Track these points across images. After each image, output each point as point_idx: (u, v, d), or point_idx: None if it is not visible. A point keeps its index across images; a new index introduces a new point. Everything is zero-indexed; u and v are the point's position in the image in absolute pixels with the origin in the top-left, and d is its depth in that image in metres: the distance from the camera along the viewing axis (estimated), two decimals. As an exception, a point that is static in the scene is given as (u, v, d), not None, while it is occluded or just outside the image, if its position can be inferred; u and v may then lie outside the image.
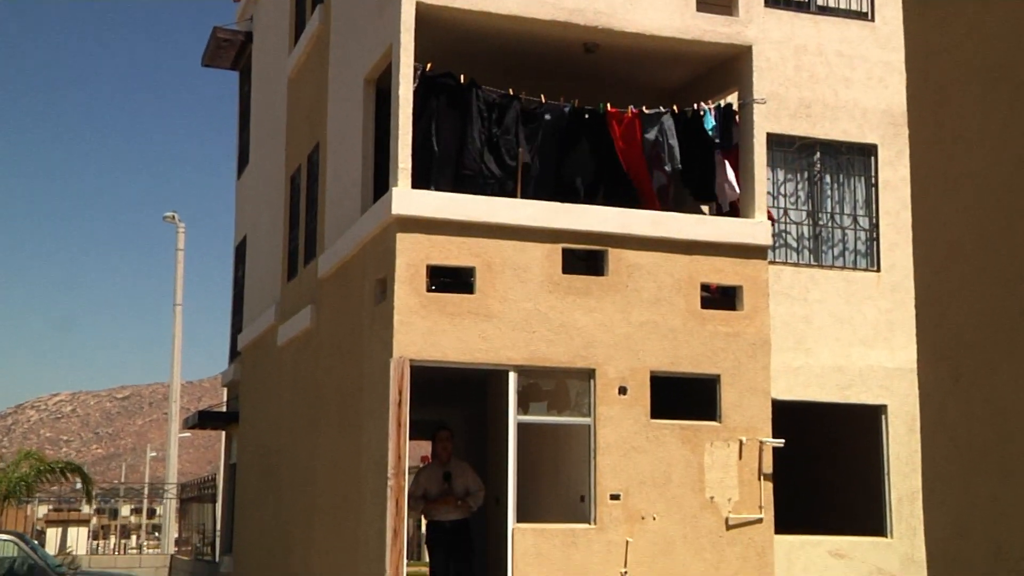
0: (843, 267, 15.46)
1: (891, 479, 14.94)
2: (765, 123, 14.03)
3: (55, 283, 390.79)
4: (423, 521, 15.41)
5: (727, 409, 13.07)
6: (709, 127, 13.77)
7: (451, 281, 12.62)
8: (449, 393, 15.27)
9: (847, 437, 15.78)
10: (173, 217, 37.02)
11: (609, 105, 13.52)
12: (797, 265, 15.26)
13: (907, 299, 13.43)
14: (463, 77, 13.00)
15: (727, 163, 13.92)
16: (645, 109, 13.56)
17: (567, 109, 13.43)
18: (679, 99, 14.31)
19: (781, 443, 13.23)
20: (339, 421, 14.33)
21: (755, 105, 13.70)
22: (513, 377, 12.46)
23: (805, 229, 15.49)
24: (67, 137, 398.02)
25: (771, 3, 15.47)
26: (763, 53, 14.20)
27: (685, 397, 13.12)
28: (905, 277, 14.79)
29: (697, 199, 14.50)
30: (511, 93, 13.21)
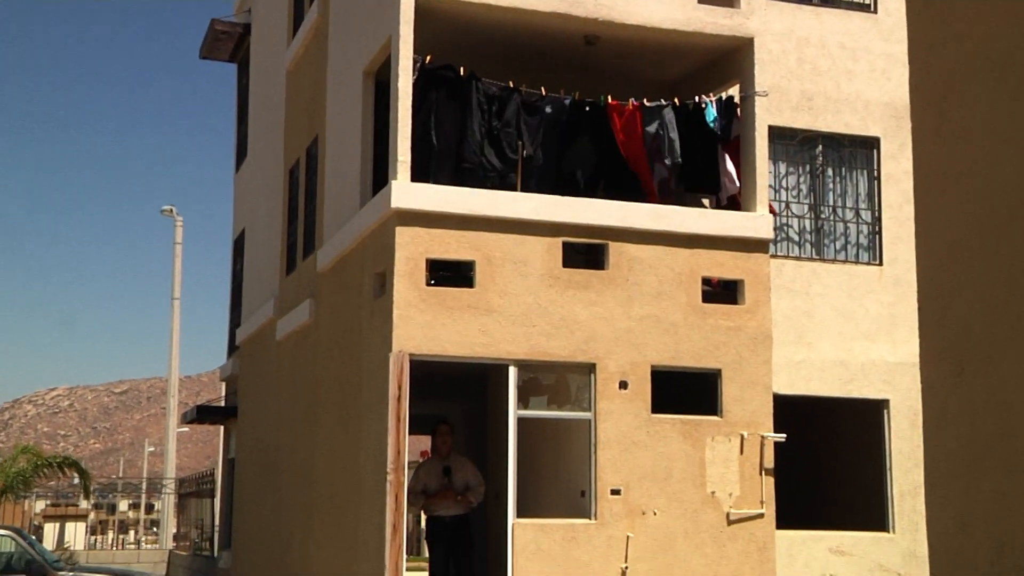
0: (845, 261, 15.41)
1: (893, 474, 14.90)
2: (767, 116, 13.96)
3: (52, 277, 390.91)
4: (423, 516, 15.39)
5: (728, 403, 13.02)
6: (711, 119, 13.71)
7: (451, 275, 12.58)
8: (449, 387, 15.23)
9: (849, 432, 15.74)
10: (171, 211, 37.03)
11: (610, 98, 13.46)
12: (799, 259, 15.22)
13: (909, 293, 13.39)
14: (463, 69, 12.94)
15: (727, 156, 13.87)
16: (646, 102, 13.50)
17: (568, 102, 13.37)
18: (680, 92, 14.25)
19: (783, 438, 13.19)
20: (338, 416, 14.29)
21: (757, 98, 13.64)
22: (513, 371, 12.42)
23: (807, 223, 15.44)
24: (63, 130, 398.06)
25: (773, -5, 15.41)
26: (765, 45, 14.13)
27: (686, 391, 13.08)
28: (907, 271, 14.73)
29: (699, 192, 14.44)
30: (511, 86, 13.16)
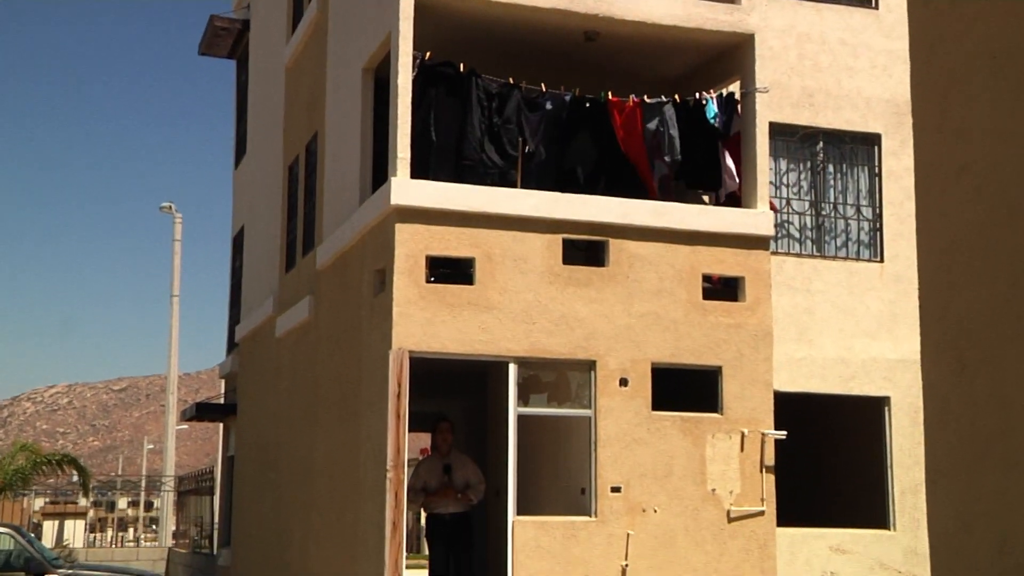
0: (846, 258, 15.38)
1: (894, 471, 14.89)
2: (767, 112, 13.93)
3: (51, 274, 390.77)
4: (423, 514, 15.37)
5: (729, 401, 13.00)
6: (711, 116, 13.67)
7: (450, 272, 12.55)
8: (449, 385, 15.20)
9: (850, 429, 15.72)
10: (170, 207, 37.06)
11: (610, 94, 13.43)
12: (800, 256, 15.20)
13: (911, 290, 13.35)
14: (463, 66, 12.91)
15: (727, 153, 13.84)
16: (646, 98, 13.47)
17: (568, 98, 13.34)
18: (681, 88, 14.22)
19: (783, 435, 13.17)
20: (338, 413, 14.26)
21: (757, 94, 13.61)
22: (513, 369, 12.40)
23: (808, 219, 15.42)
24: (62, 127, 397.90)
25: (773, -9, 15.38)
26: (765, 41, 14.10)
27: (686, 389, 13.05)
28: (909, 268, 14.70)
29: (699, 189, 14.41)
30: (511, 82, 13.13)
